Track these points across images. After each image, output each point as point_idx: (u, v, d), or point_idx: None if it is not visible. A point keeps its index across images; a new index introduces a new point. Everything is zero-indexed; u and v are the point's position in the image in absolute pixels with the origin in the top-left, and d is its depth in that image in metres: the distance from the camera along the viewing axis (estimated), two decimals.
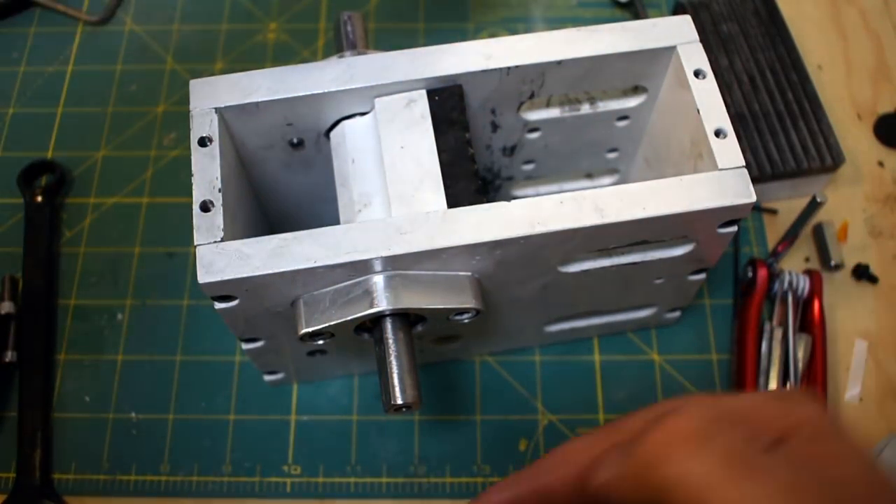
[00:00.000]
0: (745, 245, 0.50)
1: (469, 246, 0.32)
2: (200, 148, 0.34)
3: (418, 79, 0.36)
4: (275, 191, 0.41)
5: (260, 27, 0.58)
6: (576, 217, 0.33)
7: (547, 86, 0.38)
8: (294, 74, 0.36)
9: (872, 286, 0.49)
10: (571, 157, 0.45)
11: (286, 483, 0.44)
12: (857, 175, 0.53)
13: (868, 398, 0.46)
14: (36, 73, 0.56)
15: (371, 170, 0.37)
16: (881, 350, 0.47)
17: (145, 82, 0.56)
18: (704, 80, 0.36)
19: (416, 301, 0.33)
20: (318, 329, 0.33)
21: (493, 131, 0.41)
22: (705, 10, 0.54)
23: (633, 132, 0.43)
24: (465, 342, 0.44)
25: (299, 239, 0.32)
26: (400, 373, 0.33)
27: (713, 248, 0.38)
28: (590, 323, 0.45)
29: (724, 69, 0.52)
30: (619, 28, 0.37)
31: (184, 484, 0.44)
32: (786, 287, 0.46)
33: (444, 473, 0.44)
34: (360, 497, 0.43)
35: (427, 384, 0.46)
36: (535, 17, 0.59)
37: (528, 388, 0.46)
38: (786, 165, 0.49)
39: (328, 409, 0.46)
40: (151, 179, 0.52)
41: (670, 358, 0.47)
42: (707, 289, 0.49)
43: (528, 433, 0.45)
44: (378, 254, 0.32)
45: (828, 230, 0.50)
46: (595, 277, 0.38)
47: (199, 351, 0.47)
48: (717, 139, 0.34)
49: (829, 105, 0.53)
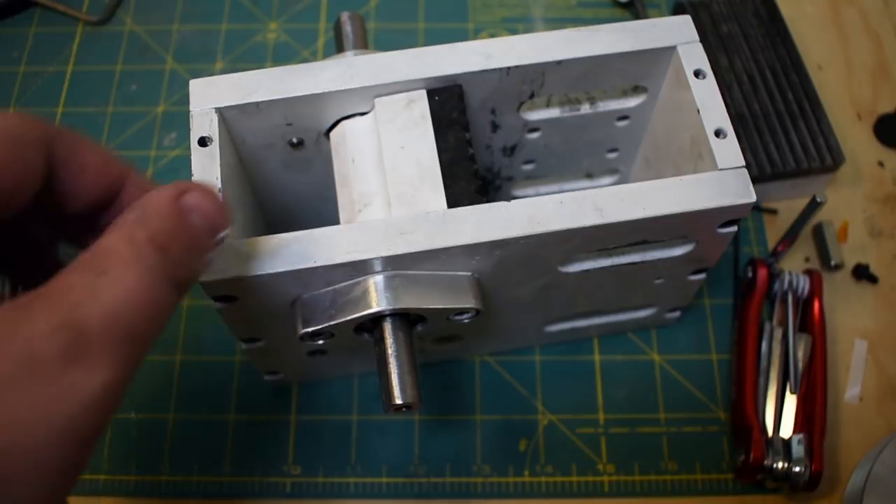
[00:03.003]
0: (745, 245, 0.50)
1: (469, 246, 0.32)
2: (200, 148, 0.34)
3: (418, 79, 0.36)
4: (274, 190, 0.41)
5: (260, 27, 0.58)
6: (576, 217, 0.33)
7: (547, 86, 0.38)
8: (294, 74, 0.36)
9: (872, 286, 0.49)
10: (571, 157, 0.45)
11: (286, 483, 0.44)
12: (857, 175, 0.53)
13: (868, 398, 0.46)
14: (36, 73, 0.56)
15: (371, 170, 0.37)
16: (881, 350, 0.47)
17: (145, 82, 0.56)
18: (704, 80, 0.36)
19: (416, 301, 0.33)
20: (318, 329, 0.33)
21: (493, 131, 0.41)
22: (705, 10, 0.54)
23: (633, 132, 0.43)
24: (465, 342, 0.44)
25: (299, 239, 0.32)
26: (400, 373, 0.33)
27: (713, 248, 0.38)
28: (590, 323, 0.45)
29: (724, 69, 0.52)
30: (619, 28, 0.37)
31: (184, 484, 0.44)
32: (786, 287, 0.46)
33: (444, 473, 0.44)
34: (360, 497, 0.43)
35: (427, 384, 0.46)
36: (534, 17, 0.59)
37: (528, 388, 0.46)
38: (786, 165, 0.49)
39: (328, 409, 0.46)
40: (151, 179, 0.52)
41: (670, 358, 0.47)
42: (707, 289, 0.49)
43: (528, 433, 0.45)
44: (378, 254, 0.32)
45: (828, 230, 0.50)
46: (595, 277, 0.38)
47: (199, 351, 0.47)
48: (717, 139, 0.34)
49: (829, 105, 0.53)
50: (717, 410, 0.46)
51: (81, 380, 0.22)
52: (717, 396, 0.46)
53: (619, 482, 0.44)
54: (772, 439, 0.43)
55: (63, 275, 0.23)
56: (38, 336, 0.22)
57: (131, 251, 0.24)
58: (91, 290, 0.23)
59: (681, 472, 0.44)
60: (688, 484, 0.44)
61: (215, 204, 0.27)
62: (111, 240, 0.24)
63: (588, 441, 0.45)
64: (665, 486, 0.44)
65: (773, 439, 0.43)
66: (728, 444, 0.45)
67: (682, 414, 0.46)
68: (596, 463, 0.44)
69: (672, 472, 0.44)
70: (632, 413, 0.46)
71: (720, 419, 0.45)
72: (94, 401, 0.22)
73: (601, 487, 0.44)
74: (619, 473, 0.44)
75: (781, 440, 0.43)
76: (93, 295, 0.23)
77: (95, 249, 0.24)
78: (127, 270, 0.24)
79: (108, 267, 0.23)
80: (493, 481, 0.44)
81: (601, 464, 0.44)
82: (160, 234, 0.25)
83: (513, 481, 0.44)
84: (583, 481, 0.44)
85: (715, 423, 0.45)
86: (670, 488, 0.44)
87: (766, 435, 0.43)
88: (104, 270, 0.23)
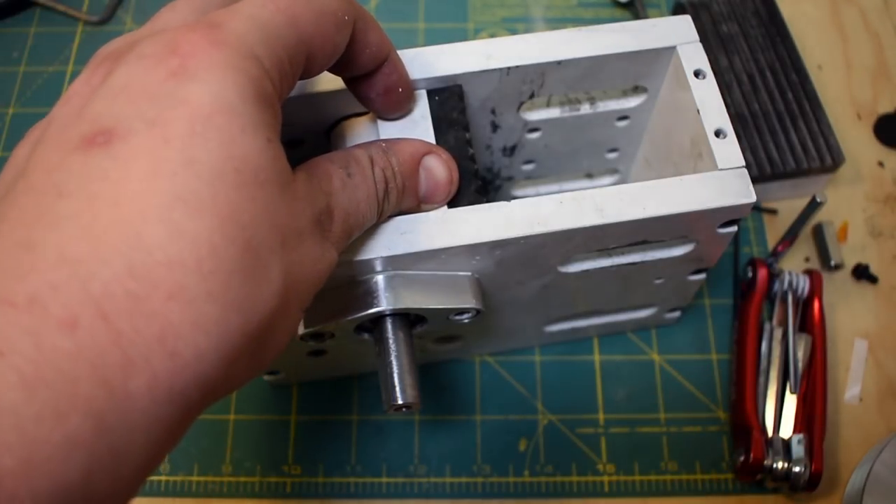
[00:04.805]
0: (745, 245, 0.50)
1: (469, 246, 0.32)
2: None
3: (418, 79, 0.36)
4: None
5: None
6: (576, 217, 0.33)
7: (547, 86, 0.38)
8: None
9: (872, 286, 0.49)
10: (571, 157, 0.45)
11: (286, 483, 0.44)
12: (857, 175, 0.53)
13: (868, 398, 0.46)
14: (36, 73, 0.56)
15: None
16: (881, 350, 0.47)
17: None
18: (704, 80, 0.36)
19: (416, 301, 0.33)
20: (318, 329, 0.33)
21: (493, 131, 0.41)
22: (705, 10, 0.54)
23: (633, 132, 0.43)
24: (465, 342, 0.44)
25: None
26: (400, 373, 0.33)
27: (713, 248, 0.38)
28: (590, 323, 0.45)
29: (724, 69, 0.52)
30: (619, 28, 0.37)
31: (184, 484, 0.44)
32: (786, 287, 0.46)
33: (444, 473, 0.44)
34: (360, 497, 0.43)
35: (427, 384, 0.46)
36: (535, 17, 0.59)
37: (528, 388, 0.46)
38: (786, 165, 0.49)
39: (328, 409, 0.46)
40: None
41: (670, 358, 0.47)
42: (707, 289, 0.49)
43: (528, 433, 0.45)
44: (378, 254, 0.32)
45: (828, 230, 0.50)
46: (595, 277, 0.38)
47: None
48: (717, 139, 0.34)
49: (829, 105, 0.53)
50: (717, 410, 0.46)
51: (327, 254, 0.26)
52: (717, 396, 0.46)
53: (619, 482, 0.44)
54: (772, 439, 0.43)
55: (325, 161, 0.28)
56: (318, 206, 0.26)
57: (368, 170, 0.29)
58: (341, 184, 0.27)
59: (681, 471, 0.44)
60: (688, 484, 0.44)
61: (449, 176, 0.32)
62: (361, 152, 0.29)
63: (588, 441, 0.45)
64: (665, 486, 0.44)
65: (773, 439, 0.43)
66: (728, 444, 0.45)
67: (682, 414, 0.46)
68: (596, 463, 0.44)
69: (672, 472, 0.44)
70: (632, 413, 0.46)
71: (720, 419, 0.45)
72: (328, 269, 0.26)
73: (601, 487, 0.44)
74: (619, 473, 0.44)
75: (781, 440, 0.43)
76: (341, 188, 0.27)
77: (351, 152, 0.29)
78: (363, 183, 0.28)
79: (353, 172, 0.28)
80: (493, 481, 0.44)
81: (601, 464, 0.44)
82: (390, 171, 0.30)
83: (513, 481, 0.44)
84: (583, 481, 0.44)
85: (715, 423, 0.45)
86: (670, 488, 0.44)
87: (766, 435, 0.43)
88: (351, 173, 0.28)
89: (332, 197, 0.27)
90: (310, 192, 0.26)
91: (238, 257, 0.21)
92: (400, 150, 0.31)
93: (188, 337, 0.20)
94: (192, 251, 0.20)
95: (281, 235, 0.23)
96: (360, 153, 0.29)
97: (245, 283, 0.21)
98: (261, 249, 0.22)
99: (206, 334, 0.20)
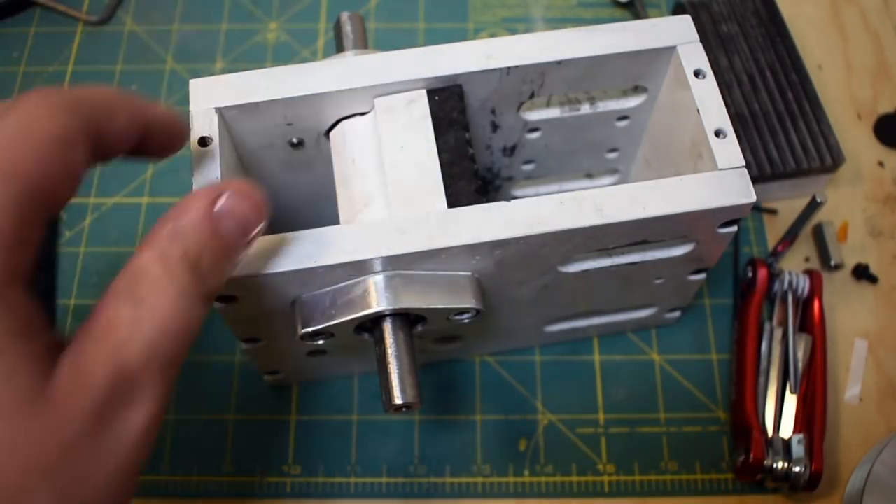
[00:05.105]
0: (745, 245, 0.50)
1: (469, 246, 0.32)
2: (200, 148, 0.34)
3: (418, 79, 0.36)
4: (275, 190, 0.41)
5: (260, 27, 0.58)
6: (576, 217, 0.33)
7: (547, 86, 0.38)
8: (294, 74, 0.36)
9: (872, 286, 0.49)
10: (571, 157, 0.45)
11: (286, 483, 0.44)
12: (857, 175, 0.53)
13: (868, 398, 0.46)
14: (36, 73, 0.56)
15: (371, 170, 0.37)
16: (881, 350, 0.47)
17: (145, 82, 0.56)
18: (704, 80, 0.36)
19: (416, 301, 0.33)
20: (318, 329, 0.33)
21: (493, 131, 0.41)
22: (705, 10, 0.54)
23: (633, 132, 0.43)
24: (465, 342, 0.44)
25: (299, 239, 0.32)
26: (400, 373, 0.33)
27: (713, 248, 0.38)
28: (590, 323, 0.45)
29: (724, 69, 0.52)
30: (619, 28, 0.37)
31: (184, 484, 0.44)
32: (786, 287, 0.46)
33: (444, 473, 0.44)
34: (360, 497, 0.43)
35: (427, 384, 0.46)
36: (535, 17, 0.59)
37: (528, 387, 0.46)
38: (786, 165, 0.49)
39: (328, 409, 0.46)
40: (151, 179, 0.52)
41: (670, 358, 0.47)
42: (707, 289, 0.49)
43: (528, 433, 0.45)
44: (378, 254, 0.32)
45: (828, 230, 0.50)
46: (595, 277, 0.38)
47: (199, 351, 0.47)
48: (717, 139, 0.34)
49: (829, 105, 0.53)
50: (717, 410, 0.46)
51: (132, 418, 0.22)
52: (717, 396, 0.46)
53: (619, 482, 0.44)
54: (772, 439, 0.43)
55: (105, 307, 0.23)
56: (96, 387, 0.21)
57: (165, 273, 0.24)
58: (132, 325, 0.23)
59: (681, 471, 0.44)
60: (688, 484, 0.44)
61: (250, 205, 0.27)
62: (145, 259, 0.24)
63: (588, 441, 0.45)
64: (665, 486, 0.44)
65: (773, 439, 0.43)
66: (728, 444, 0.45)
67: (682, 414, 0.46)
68: (596, 463, 0.44)
69: (672, 472, 0.44)
70: (632, 413, 0.46)
71: (720, 419, 0.45)
72: (143, 434, 0.22)
73: (601, 487, 0.44)
74: (619, 473, 0.44)
75: (781, 440, 0.43)
76: (134, 329, 0.22)
77: (131, 271, 0.24)
78: (162, 297, 0.23)
79: (144, 295, 0.23)
80: (493, 481, 0.44)
81: (601, 464, 0.44)
82: (192, 248, 0.25)
83: (513, 481, 0.44)
84: (583, 481, 0.44)
85: (715, 423, 0.45)
86: (670, 488, 0.44)
87: (766, 435, 0.43)
88: (141, 299, 0.23)
89: (126, 347, 0.22)
90: (80, 380, 0.22)
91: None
92: (188, 219, 0.25)
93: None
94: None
95: (41, 464, 0.20)
96: (144, 260, 0.24)
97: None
98: (17, 494, 0.19)
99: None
